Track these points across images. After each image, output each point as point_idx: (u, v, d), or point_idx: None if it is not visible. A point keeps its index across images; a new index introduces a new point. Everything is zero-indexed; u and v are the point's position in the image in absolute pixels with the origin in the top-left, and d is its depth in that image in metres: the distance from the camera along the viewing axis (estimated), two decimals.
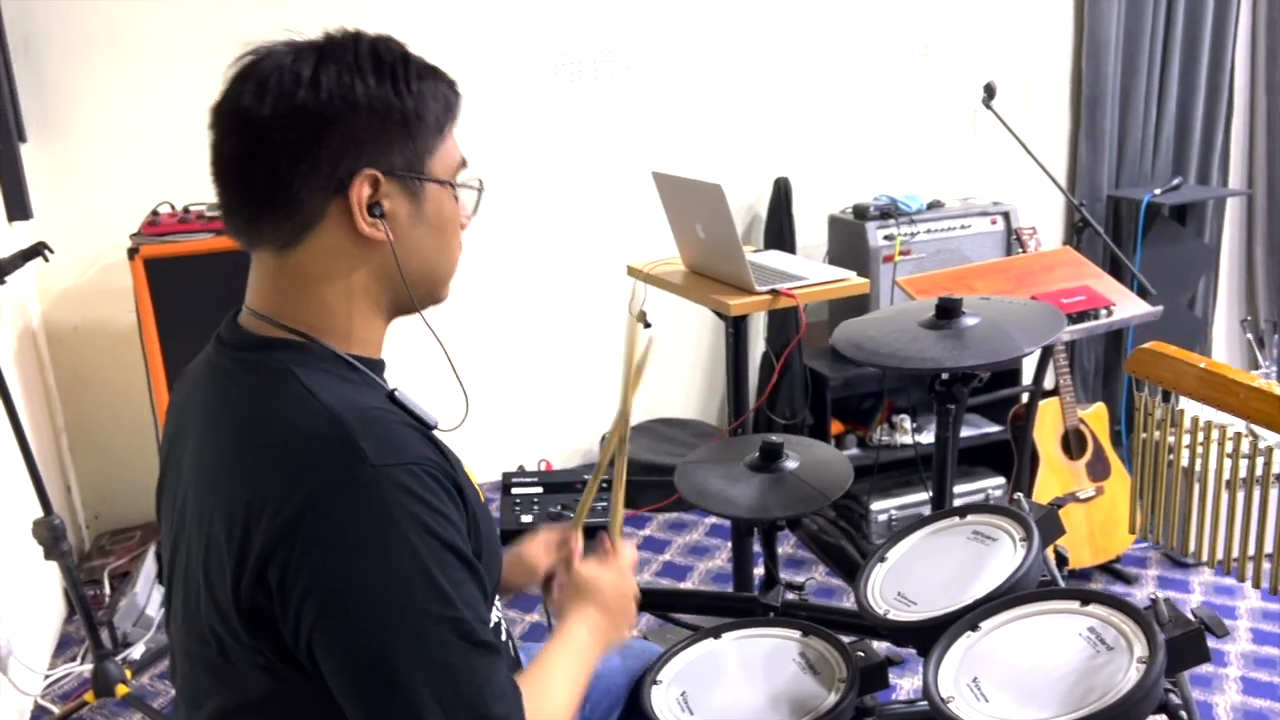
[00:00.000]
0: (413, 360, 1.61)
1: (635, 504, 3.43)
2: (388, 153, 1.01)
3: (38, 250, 2.23)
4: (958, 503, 1.57)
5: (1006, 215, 3.47)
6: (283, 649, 0.96)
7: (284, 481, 0.93)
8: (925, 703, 1.56)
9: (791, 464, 1.66)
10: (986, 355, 1.45)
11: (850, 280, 2.22)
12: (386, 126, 1.00)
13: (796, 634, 1.49)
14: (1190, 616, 1.16)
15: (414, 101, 1.02)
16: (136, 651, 2.72)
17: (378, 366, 1.10)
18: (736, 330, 2.19)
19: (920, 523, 1.51)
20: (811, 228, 3.63)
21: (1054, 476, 3.06)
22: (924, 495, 3.29)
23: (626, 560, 1.32)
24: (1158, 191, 3.72)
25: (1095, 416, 3.16)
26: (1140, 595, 3.05)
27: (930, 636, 1.35)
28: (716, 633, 1.53)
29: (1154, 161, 3.97)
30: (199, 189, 3.05)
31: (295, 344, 1.03)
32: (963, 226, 3.44)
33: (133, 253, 2.71)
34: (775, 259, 2.40)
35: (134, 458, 3.18)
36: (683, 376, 3.78)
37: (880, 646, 1.46)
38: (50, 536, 2.34)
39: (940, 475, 1.72)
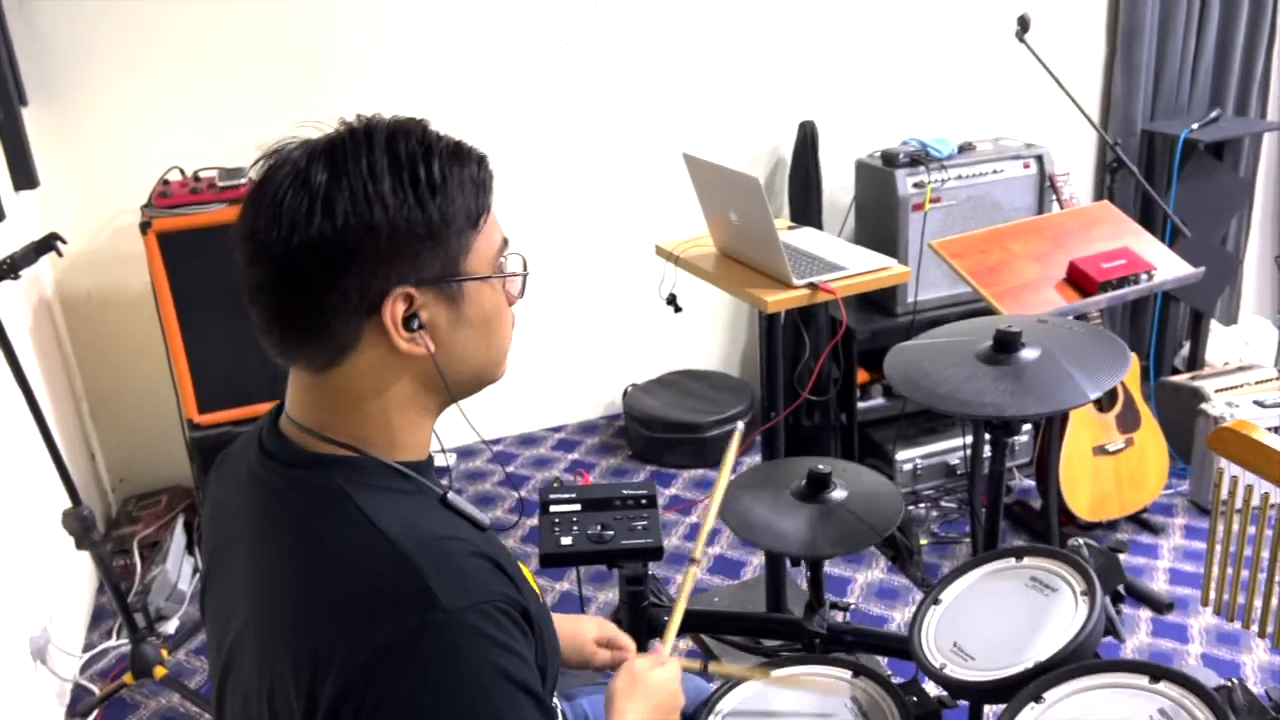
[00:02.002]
0: None
1: (662, 462, 3.42)
2: (418, 266, 0.95)
3: (50, 245, 2.16)
4: None
5: (1040, 159, 3.35)
6: None
7: (354, 627, 0.90)
8: None
9: (839, 494, 1.63)
10: (1048, 403, 1.39)
11: (891, 270, 2.15)
12: (413, 241, 0.94)
13: (847, 674, 1.47)
14: (1265, 701, 1.14)
15: (439, 206, 0.95)
16: (171, 626, 2.74)
17: (427, 468, 1.06)
18: (770, 325, 2.13)
19: (975, 563, 1.48)
20: (838, 171, 3.53)
21: (1084, 430, 3.03)
22: (949, 444, 3.28)
23: (675, 671, 1.30)
24: (1195, 126, 3.60)
25: None
26: (1167, 545, 3.05)
27: (989, 697, 1.34)
28: (766, 671, 1.51)
29: (1191, 93, 3.83)
30: (208, 152, 2.98)
31: (344, 460, 0.99)
32: (995, 171, 3.33)
33: (145, 226, 2.64)
34: (809, 240, 2.31)
35: (156, 422, 3.16)
36: (705, 327, 3.72)
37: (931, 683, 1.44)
38: (80, 528, 2.33)
39: (994, 510, 1.68)
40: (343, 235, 0.91)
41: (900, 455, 3.23)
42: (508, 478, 3.42)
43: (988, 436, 1.68)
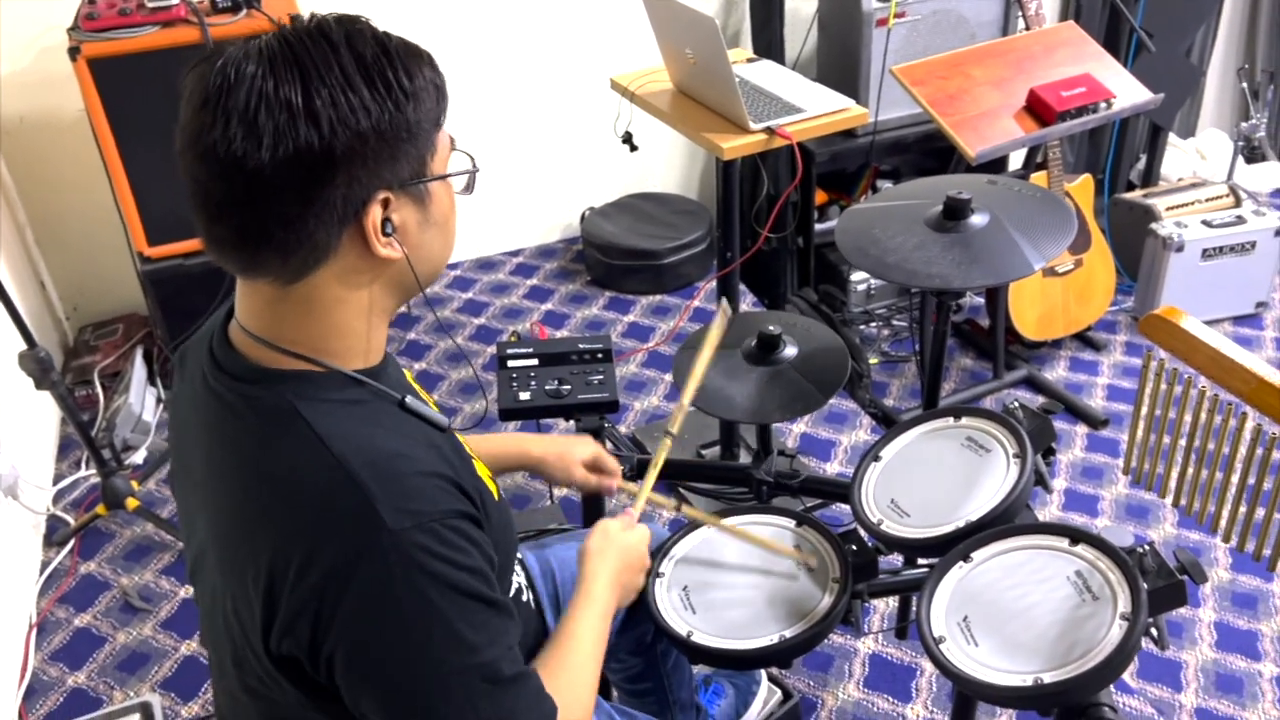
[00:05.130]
0: None
1: (620, 288, 3.44)
2: (396, 169, 0.95)
3: None
4: None
5: None
6: (311, 684, 1.00)
7: (305, 547, 0.93)
8: (909, 572, 1.67)
9: (789, 351, 1.66)
10: (994, 274, 1.41)
11: (849, 112, 2.11)
12: (393, 144, 0.94)
13: (791, 523, 1.56)
14: (1172, 564, 1.23)
15: (412, 107, 0.94)
16: (139, 457, 2.80)
17: (382, 371, 1.06)
18: (726, 169, 2.10)
19: (914, 421, 1.54)
20: None
21: None
22: None
23: (644, 535, 1.38)
24: None
25: (1081, 189, 3.13)
26: (1107, 362, 3.16)
27: (922, 553, 1.43)
28: (722, 527, 1.59)
29: None
30: None
31: (298, 375, 0.99)
32: None
33: (74, 52, 2.52)
34: (767, 76, 2.25)
35: (106, 250, 3.12)
36: (663, 149, 3.66)
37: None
38: (38, 369, 2.34)
39: (935, 370, 1.72)
40: (331, 143, 0.89)
41: (854, 276, 3.27)
42: (467, 304, 3.44)
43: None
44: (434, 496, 0.96)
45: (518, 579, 1.27)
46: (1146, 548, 1.22)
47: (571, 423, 1.77)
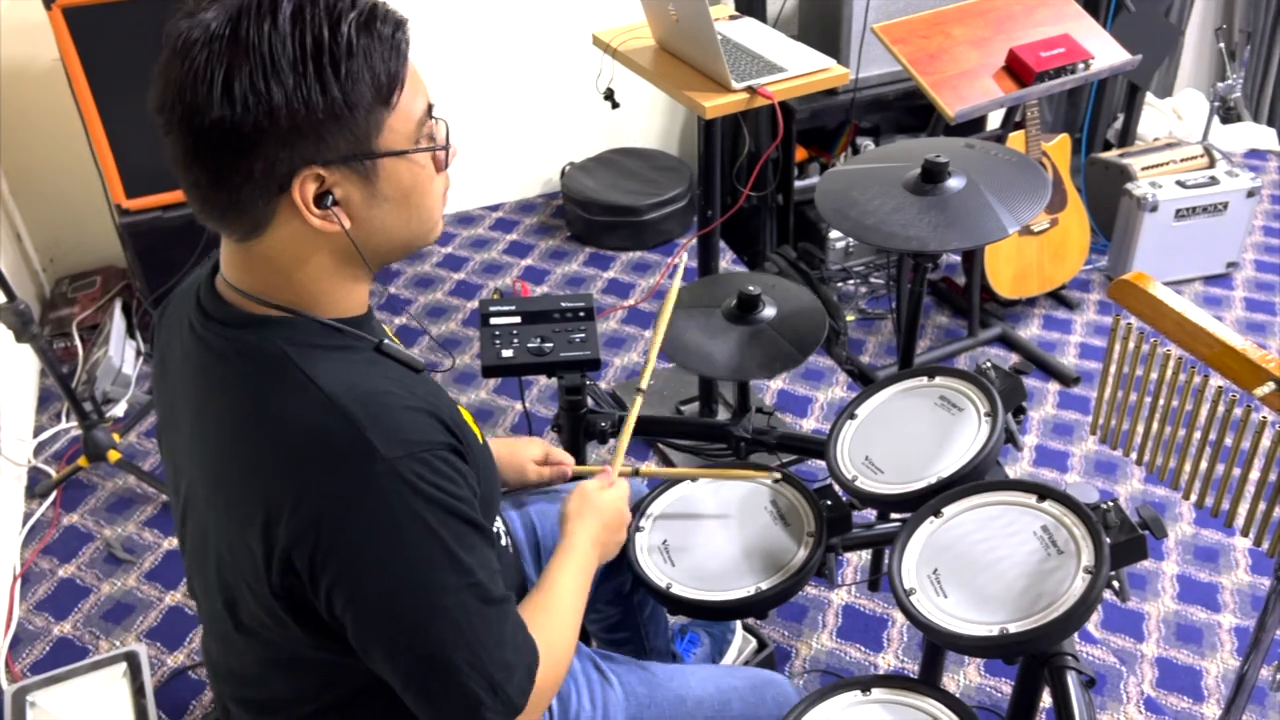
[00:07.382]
0: None
1: (600, 244, 3.44)
2: (323, 147, 0.94)
3: None
4: None
5: None
6: (312, 621, 1.03)
7: (300, 480, 0.96)
8: (882, 526, 1.71)
9: (769, 312, 1.69)
10: (970, 237, 1.44)
11: (830, 72, 2.12)
12: (315, 124, 0.93)
13: (768, 480, 1.59)
14: (1134, 520, 1.27)
15: (343, 88, 0.93)
16: (120, 409, 2.80)
17: (364, 321, 1.09)
18: (708, 127, 2.11)
19: (889, 380, 1.57)
20: None
21: None
22: None
23: (623, 491, 1.41)
24: None
25: (1058, 149, 3.16)
26: (1080, 321, 3.21)
27: (894, 508, 1.47)
28: (693, 476, 1.63)
29: None
30: None
31: (282, 320, 1.02)
32: None
33: (49, 2, 2.48)
34: (749, 35, 2.25)
35: (81, 201, 3.10)
36: (644, 104, 3.65)
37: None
38: (18, 322, 2.33)
39: (910, 330, 1.76)
40: (242, 119, 0.90)
41: (833, 234, 3.29)
42: (446, 259, 3.45)
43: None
44: (422, 428, 1.00)
45: (497, 526, 1.30)
46: (1110, 504, 1.27)
47: (554, 380, 1.80)
